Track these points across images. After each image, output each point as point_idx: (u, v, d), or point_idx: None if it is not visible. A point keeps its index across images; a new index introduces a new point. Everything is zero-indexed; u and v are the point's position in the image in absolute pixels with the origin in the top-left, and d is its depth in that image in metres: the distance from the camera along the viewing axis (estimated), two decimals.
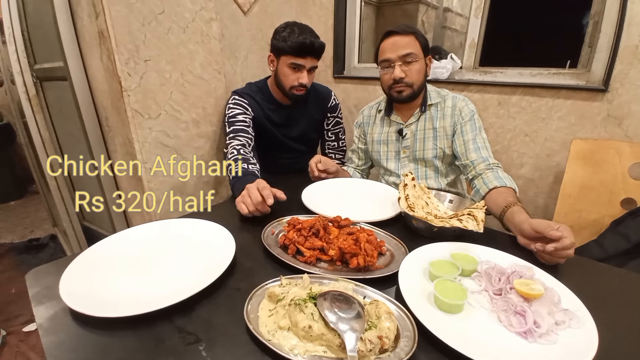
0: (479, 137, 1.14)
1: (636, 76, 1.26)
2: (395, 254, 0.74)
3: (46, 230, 2.64)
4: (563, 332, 0.52)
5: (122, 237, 0.79)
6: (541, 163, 1.53)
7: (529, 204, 1.58)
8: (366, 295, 0.59)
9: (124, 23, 1.08)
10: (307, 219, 0.81)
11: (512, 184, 1.00)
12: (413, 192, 0.93)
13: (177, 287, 0.61)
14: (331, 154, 1.55)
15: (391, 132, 1.28)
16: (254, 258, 0.75)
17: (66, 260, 0.69)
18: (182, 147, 1.34)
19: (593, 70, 1.37)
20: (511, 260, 0.70)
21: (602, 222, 1.25)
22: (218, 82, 1.41)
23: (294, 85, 1.26)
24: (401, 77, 1.11)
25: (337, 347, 0.48)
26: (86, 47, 1.28)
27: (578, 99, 1.39)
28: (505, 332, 0.53)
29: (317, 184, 1.14)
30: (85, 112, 1.35)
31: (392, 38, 1.12)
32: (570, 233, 0.68)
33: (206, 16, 1.30)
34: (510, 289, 0.59)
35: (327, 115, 1.49)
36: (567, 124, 1.43)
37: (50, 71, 1.53)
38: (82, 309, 0.55)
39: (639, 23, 1.22)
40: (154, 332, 0.53)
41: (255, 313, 0.55)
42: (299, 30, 1.20)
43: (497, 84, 1.56)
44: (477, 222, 0.77)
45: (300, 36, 1.19)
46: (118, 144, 1.33)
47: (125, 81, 1.12)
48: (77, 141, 1.49)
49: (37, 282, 0.66)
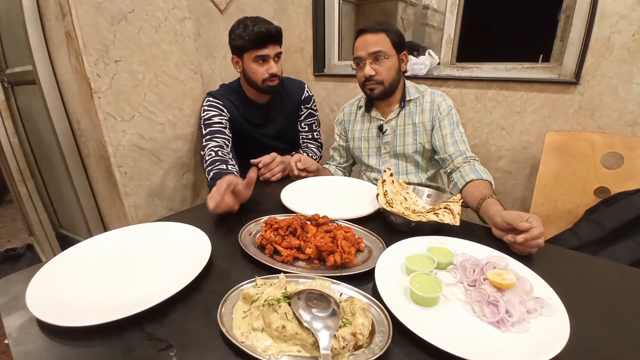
0: (457, 131, 1.15)
1: (607, 68, 1.30)
2: (373, 250, 0.74)
3: (23, 239, 2.55)
4: (535, 320, 0.53)
5: (94, 243, 0.76)
6: (518, 155, 1.56)
7: (507, 195, 1.62)
8: (342, 292, 0.59)
9: (91, 23, 1.05)
10: (285, 218, 0.80)
11: (488, 176, 1.01)
12: (391, 188, 0.93)
13: (150, 292, 0.59)
14: (306, 144, 1.53)
15: (372, 129, 1.28)
16: (230, 260, 0.73)
17: (35, 269, 0.66)
18: (158, 150, 1.31)
19: (565, 63, 1.40)
20: (486, 251, 0.71)
21: (576, 212, 1.28)
22: (194, 82, 1.38)
23: (265, 77, 1.25)
24: (371, 74, 1.12)
25: (311, 346, 0.48)
26: (55, 49, 1.24)
27: (551, 92, 1.42)
28: (479, 323, 0.53)
29: (297, 182, 1.14)
30: (56, 115, 1.31)
31: (363, 36, 1.13)
32: (540, 223, 0.69)
33: (179, 15, 1.28)
34: (484, 280, 0.60)
35: (301, 107, 1.48)
36: (541, 116, 1.46)
37: (21, 75, 1.48)
38: (49, 318, 0.53)
39: (610, 15, 1.25)
40: (124, 340, 0.52)
41: (230, 315, 0.54)
42: (252, 22, 1.19)
43: (474, 79, 1.59)
44: (454, 215, 0.78)
45: (255, 27, 1.18)
46: (91, 147, 1.29)
47: (95, 83, 1.09)
48: (49, 147, 1.44)
49: (5, 292, 0.63)
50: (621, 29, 1.24)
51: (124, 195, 1.23)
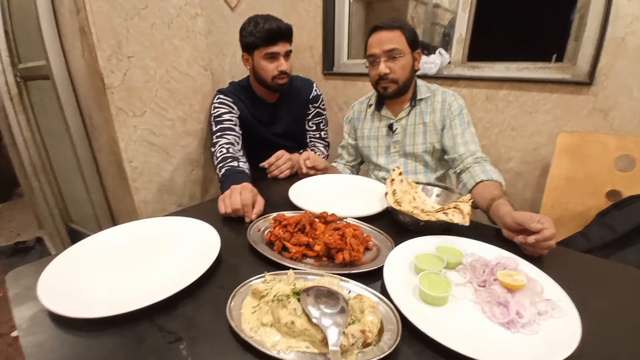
0: (468, 132, 1.14)
1: (622, 68, 1.28)
2: (381, 248, 0.74)
3: (32, 233, 2.59)
4: (545, 322, 0.52)
5: (104, 236, 0.77)
6: (528, 157, 1.54)
7: (516, 197, 1.60)
8: (351, 290, 0.59)
9: (105, 18, 1.06)
10: (293, 215, 0.80)
11: (499, 177, 1.00)
12: (400, 187, 0.92)
13: (160, 285, 0.60)
14: (313, 142, 1.53)
15: (382, 127, 1.27)
16: (239, 255, 0.74)
17: (46, 261, 0.67)
18: (168, 146, 1.32)
19: (579, 63, 1.38)
20: (496, 252, 0.70)
21: (587, 214, 1.26)
22: (205, 79, 1.39)
23: (275, 74, 1.25)
24: (385, 72, 1.11)
25: (320, 342, 0.48)
26: (68, 45, 1.25)
27: (564, 92, 1.40)
28: (489, 323, 0.53)
29: (305, 180, 1.14)
30: (68, 110, 1.32)
31: (378, 33, 1.12)
32: (551, 224, 0.68)
33: (191, 11, 1.28)
34: (494, 281, 0.59)
35: (309, 106, 1.48)
36: (553, 117, 1.44)
37: (34, 70, 1.50)
38: (61, 310, 0.54)
39: (624, 15, 1.23)
40: (135, 331, 0.52)
41: (238, 310, 0.54)
42: (263, 20, 1.20)
43: (485, 78, 1.57)
44: (463, 215, 0.77)
45: (266, 24, 1.19)
46: (102, 142, 1.30)
47: (108, 78, 1.10)
48: (61, 141, 1.46)
49: (17, 283, 0.65)
50: (635, 30, 1.22)
51: (134, 190, 1.25)
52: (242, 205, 0.87)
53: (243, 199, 0.88)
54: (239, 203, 0.87)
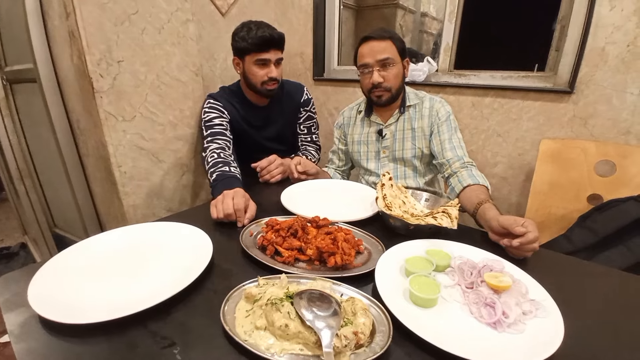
0: (455, 137, 1.17)
1: (602, 78, 1.33)
2: (372, 252, 0.76)
3: (16, 238, 2.52)
4: (530, 322, 0.54)
5: (94, 242, 0.77)
6: (513, 162, 1.59)
7: (502, 201, 1.64)
8: (343, 293, 0.60)
9: (95, 23, 1.06)
10: (286, 220, 0.81)
11: (485, 182, 1.03)
12: (390, 192, 0.94)
13: (152, 291, 0.60)
14: (305, 146, 1.54)
15: (371, 133, 1.30)
16: (231, 260, 0.74)
17: (36, 266, 0.67)
18: (158, 150, 1.32)
19: (559, 73, 1.43)
20: (483, 255, 0.72)
21: (570, 218, 1.31)
22: (195, 84, 1.39)
23: (264, 80, 1.26)
24: (379, 81, 1.14)
25: (314, 345, 0.48)
26: (57, 48, 1.24)
27: (546, 100, 1.45)
28: (477, 324, 0.55)
29: (297, 185, 1.15)
30: (55, 114, 1.30)
31: (369, 43, 1.14)
32: (535, 228, 0.71)
33: (182, 17, 1.29)
34: (481, 282, 0.61)
35: (300, 110, 1.49)
36: (536, 124, 1.49)
37: (20, 73, 1.48)
38: (51, 315, 0.53)
39: (605, 25, 1.28)
40: (127, 337, 0.52)
41: (232, 314, 0.55)
42: (256, 26, 1.21)
43: (471, 86, 1.61)
44: (451, 220, 0.79)
45: (258, 31, 1.20)
46: (90, 147, 1.29)
47: (97, 82, 1.09)
48: (47, 145, 1.44)
49: (6, 289, 0.64)
50: (616, 40, 1.27)
51: (123, 195, 1.23)
52: (234, 210, 0.88)
53: (235, 204, 0.88)
54: (232, 208, 0.87)
